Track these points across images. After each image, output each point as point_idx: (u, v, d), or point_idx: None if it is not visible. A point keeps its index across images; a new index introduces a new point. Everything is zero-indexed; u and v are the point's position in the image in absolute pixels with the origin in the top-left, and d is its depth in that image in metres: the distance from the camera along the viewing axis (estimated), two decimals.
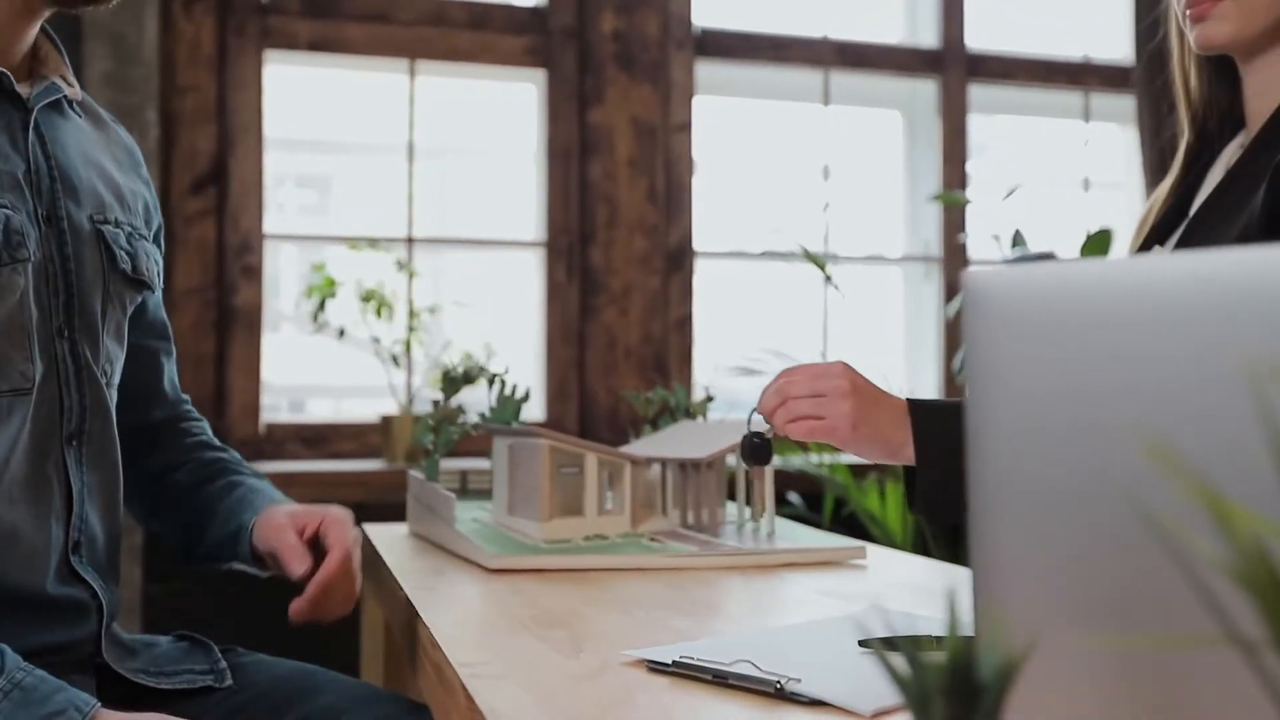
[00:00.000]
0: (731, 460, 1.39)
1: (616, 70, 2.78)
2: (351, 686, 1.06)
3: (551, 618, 0.99)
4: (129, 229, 1.10)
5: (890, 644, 0.85)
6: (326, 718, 1.01)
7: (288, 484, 2.45)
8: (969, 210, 2.98)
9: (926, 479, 1.00)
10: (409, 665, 1.02)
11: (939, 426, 1.00)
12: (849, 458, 2.58)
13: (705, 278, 2.86)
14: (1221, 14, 1.10)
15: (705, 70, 2.86)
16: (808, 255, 2.60)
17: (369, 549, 1.49)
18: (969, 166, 3.02)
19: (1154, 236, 1.21)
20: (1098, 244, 2.77)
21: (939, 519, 1.00)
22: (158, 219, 1.21)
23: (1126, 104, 3.06)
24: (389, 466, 2.50)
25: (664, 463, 1.39)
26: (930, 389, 2.96)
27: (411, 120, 2.72)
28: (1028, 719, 0.50)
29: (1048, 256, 2.75)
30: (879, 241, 3.09)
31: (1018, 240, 2.81)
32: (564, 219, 2.75)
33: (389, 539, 1.46)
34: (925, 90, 3.04)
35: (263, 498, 1.19)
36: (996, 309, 0.53)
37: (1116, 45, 3.11)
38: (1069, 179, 3.13)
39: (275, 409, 2.71)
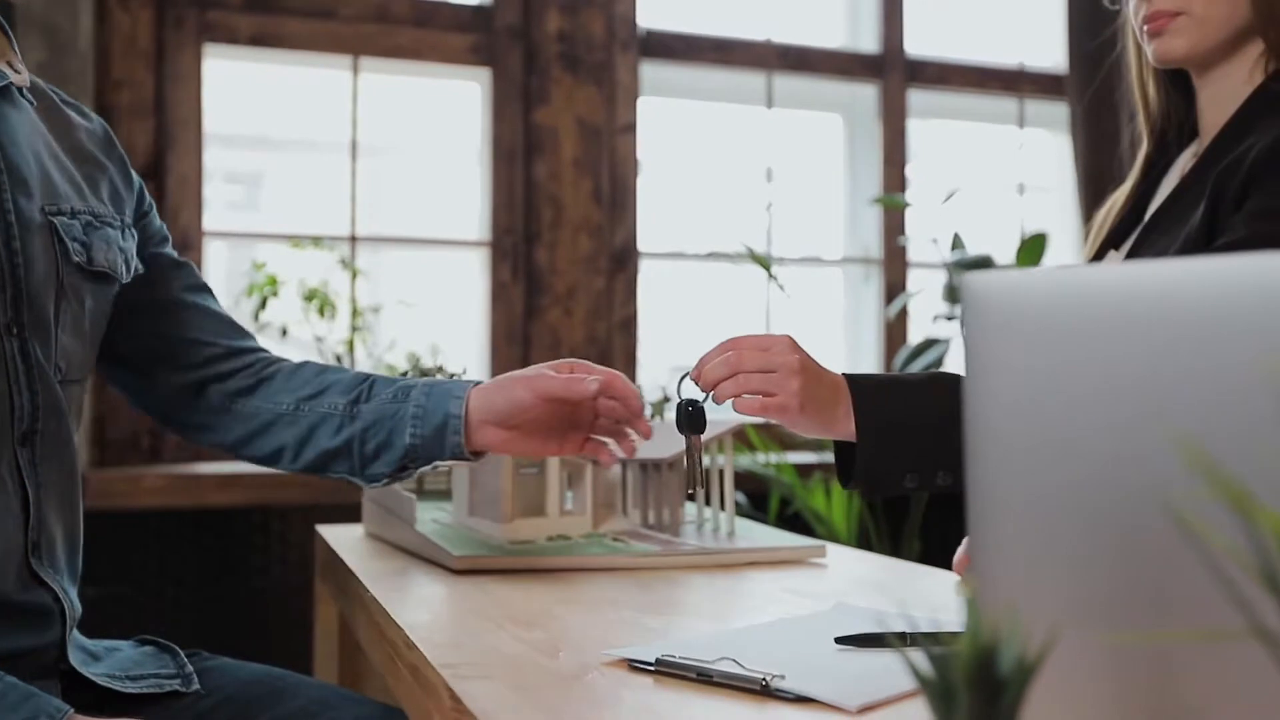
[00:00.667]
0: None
1: (561, 70, 2.78)
2: (320, 689, 1.06)
3: (524, 618, 0.99)
4: (87, 218, 1.07)
5: (866, 641, 0.87)
6: None
7: (229, 485, 2.43)
8: (908, 213, 3.03)
9: (865, 454, 1.00)
10: (380, 668, 1.02)
11: (877, 403, 1.01)
12: (797, 457, 2.61)
13: (649, 278, 2.87)
14: (1178, 29, 1.14)
15: (650, 71, 2.88)
16: (753, 256, 2.62)
17: (326, 551, 1.48)
18: (908, 170, 3.06)
19: (1110, 241, 1.25)
20: (1033, 247, 2.83)
21: (875, 493, 1.01)
22: (133, 200, 1.17)
23: (1059, 111, 3.13)
24: None
25: (624, 463, 1.39)
26: None
27: (355, 117, 2.70)
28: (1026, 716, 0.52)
29: (985, 259, 2.80)
30: (820, 243, 3.13)
31: (957, 243, 2.86)
32: (509, 219, 2.75)
33: (345, 540, 1.45)
34: (865, 94, 3.08)
35: (439, 389, 1.12)
36: (996, 313, 0.55)
37: (1050, 53, 3.18)
38: (1004, 184, 3.20)
39: None
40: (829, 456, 2.64)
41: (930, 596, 1.13)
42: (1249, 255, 0.49)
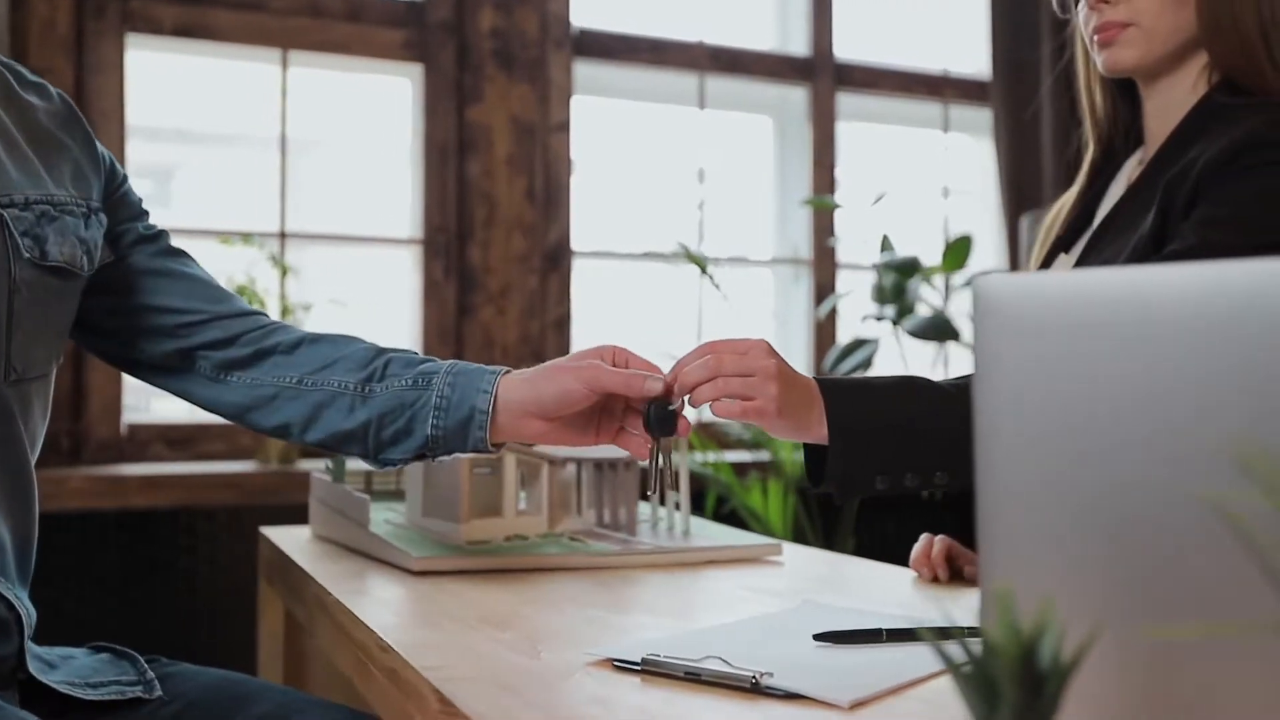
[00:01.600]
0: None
1: (495, 68, 2.76)
2: (284, 694, 1.04)
3: (495, 618, 0.99)
4: (43, 208, 1.03)
5: (844, 637, 0.88)
6: None
7: (153, 487, 2.37)
8: (837, 214, 3.07)
9: (836, 457, 1.01)
10: (349, 672, 1.00)
11: (848, 407, 1.02)
12: (734, 456, 2.64)
13: (583, 277, 2.87)
14: (1128, 40, 1.17)
15: (583, 70, 2.87)
16: (690, 256, 2.64)
17: (273, 553, 1.45)
18: (837, 172, 3.11)
19: (1060, 244, 1.28)
20: (959, 250, 2.88)
21: (845, 495, 1.02)
22: (100, 179, 1.12)
23: (983, 116, 3.19)
24: (263, 468, 2.43)
25: (579, 462, 1.39)
26: None
27: (284, 112, 2.65)
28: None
29: (913, 261, 2.85)
30: (750, 243, 3.16)
31: (885, 245, 2.91)
32: (442, 217, 2.72)
33: (293, 543, 1.42)
34: (795, 97, 3.11)
35: (465, 378, 1.06)
36: (1006, 315, 0.56)
37: (974, 60, 3.24)
38: (930, 187, 3.26)
39: (136, 409, 2.59)
40: (764, 456, 2.68)
41: (890, 593, 1.15)
42: (1251, 260, 0.51)
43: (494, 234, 2.75)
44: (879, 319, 2.86)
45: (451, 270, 2.73)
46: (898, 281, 2.84)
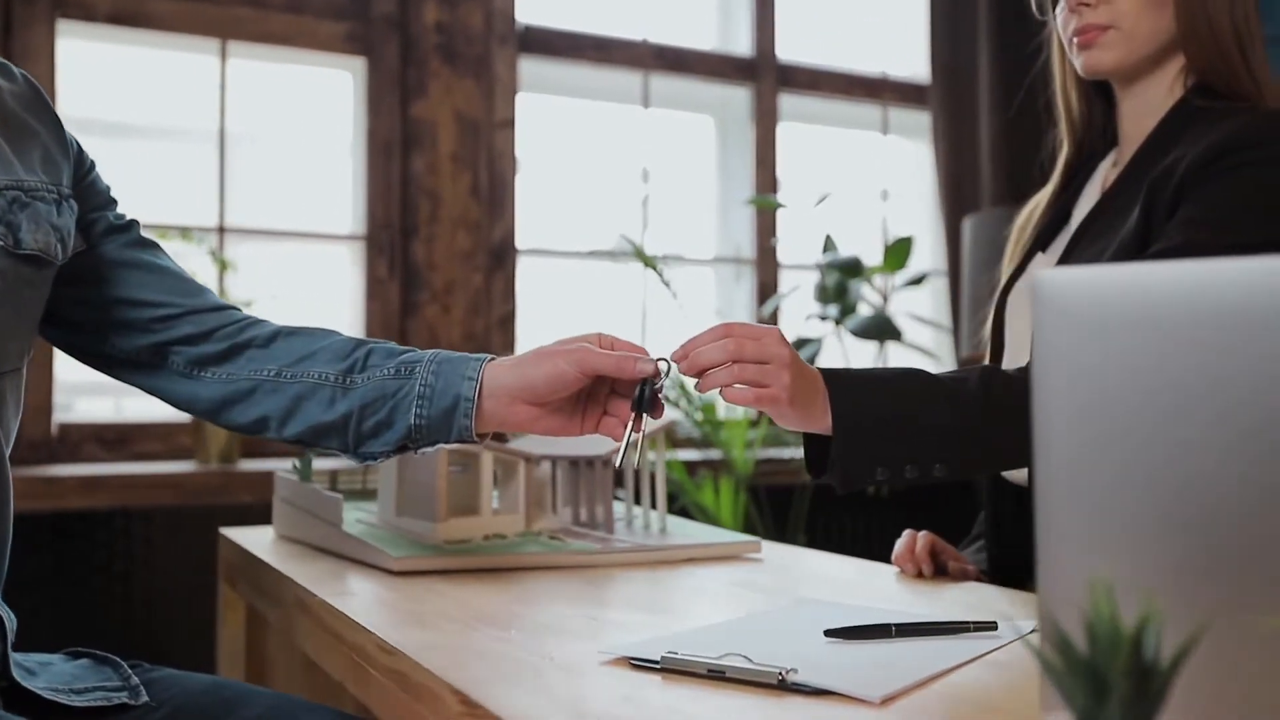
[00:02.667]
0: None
1: (440, 63, 2.73)
2: (273, 699, 1.01)
3: (492, 618, 0.97)
4: (14, 193, 0.98)
5: (855, 633, 0.88)
6: None
7: (88, 488, 2.30)
8: (779, 214, 3.08)
9: (840, 448, 1.01)
10: (341, 676, 0.98)
11: (853, 398, 1.02)
12: (685, 454, 2.63)
13: (528, 275, 2.85)
14: (1107, 43, 1.19)
15: (528, 67, 2.85)
16: (640, 255, 2.63)
17: (236, 554, 1.42)
18: (779, 172, 3.12)
19: (1037, 243, 1.30)
20: (899, 251, 2.92)
21: (847, 486, 1.02)
22: (69, 165, 1.08)
23: (921, 119, 3.24)
24: (203, 468, 2.37)
25: (554, 460, 1.38)
26: None
27: (223, 105, 2.59)
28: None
29: (855, 261, 2.88)
30: (692, 242, 3.16)
31: (828, 245, 2.93)
32: (385, 213, 2.68)
33: (256, 544, 1.39)
34: (738, 97, 3.13)
35: (449, 365, 1.03)
36: (1066, 309, 0.57)
37: (913, 63, 3.29)
38: (869, 188, 3.29)
39: (67, 408, 2.51)
40: (715, 454, 2.68)
41: (875, 589, 1.15)
42: None
43: (438, 231, 2.72)
44: (823, 318, 2.89)
45: (396, 267, 2.69)
46: (840, 281, 2.86)
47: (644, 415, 1.00)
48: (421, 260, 2.70)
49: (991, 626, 0.91)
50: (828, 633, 0.87)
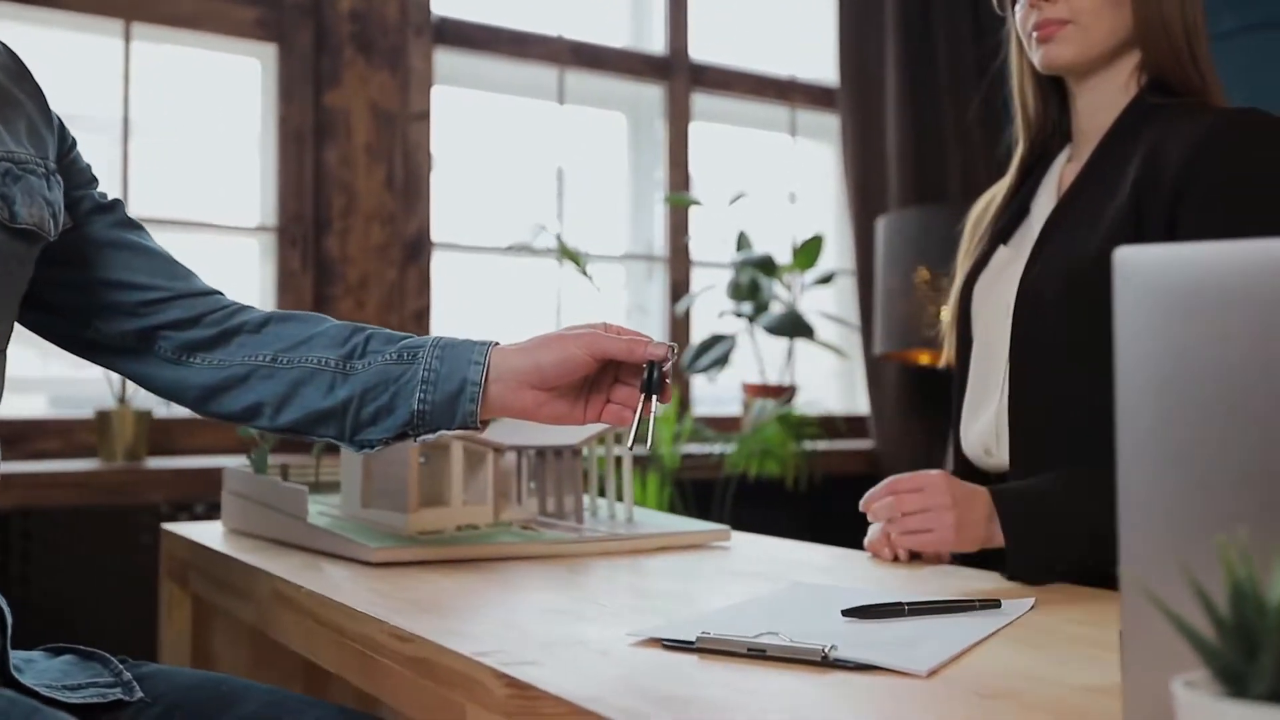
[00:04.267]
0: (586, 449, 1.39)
1: (354, 52, 2.68)
2: (270, 693, 0.97)
3: (493, 606, 0.96)
4: (6, 165, 0.93)
5: (871, 612, 0.90)
6: None
7: None
8: (690, 212, 3.11)
9: (1016, 563, 1.10)
10: (344, 669, 0.95)
11: (1021, 514, 1.11)
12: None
13: (442, 269, 2.82)
14: (1066, 37, 1.24)
15: (444, 59, 2.82)
16: (565, 252, 2.62)
17: (186, 550, 1.37)
18: (691, 171, 3.15)
19: (998, 237, 1.34)
20: (810, 250, 2.98)
21: (1031, 582, 1.10)
22: (54, 139, 1.02)
23: (829, 121, 3.30)
24: (107, 466, 2.28)
25: (520, 450, 1.37)
26: None
27: (126, 90, 2.49)
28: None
29: (768, 260, 2.92)
30: (605, 239, 3.16)
31: (742, 243, 2.97)
32: (298, 205, 2.62)
33: (206, 539, 1.34)
34: (650, 95, 3.14)
35: (453, 350, 1.01)
36: (1147, 287, 0.59)
37: (821, 67, 3.35)
38: (778, 189, 3.34)
39: None
40: (639, 450, 2.68)
41: (853, 574, 1.17)
42: None
43: (352, 224, 2.67)
44: (737, 315, 2.92)
45: (308, 260, 2.63)
46: (754, 279, 2.90)
47: (654, 398, 1.00)
48: (335, 254, 2.65)
49: (995, 604, 0.93)
50: (845, 612, 0.89)
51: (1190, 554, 0.57)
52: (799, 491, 2.77)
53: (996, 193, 1.40)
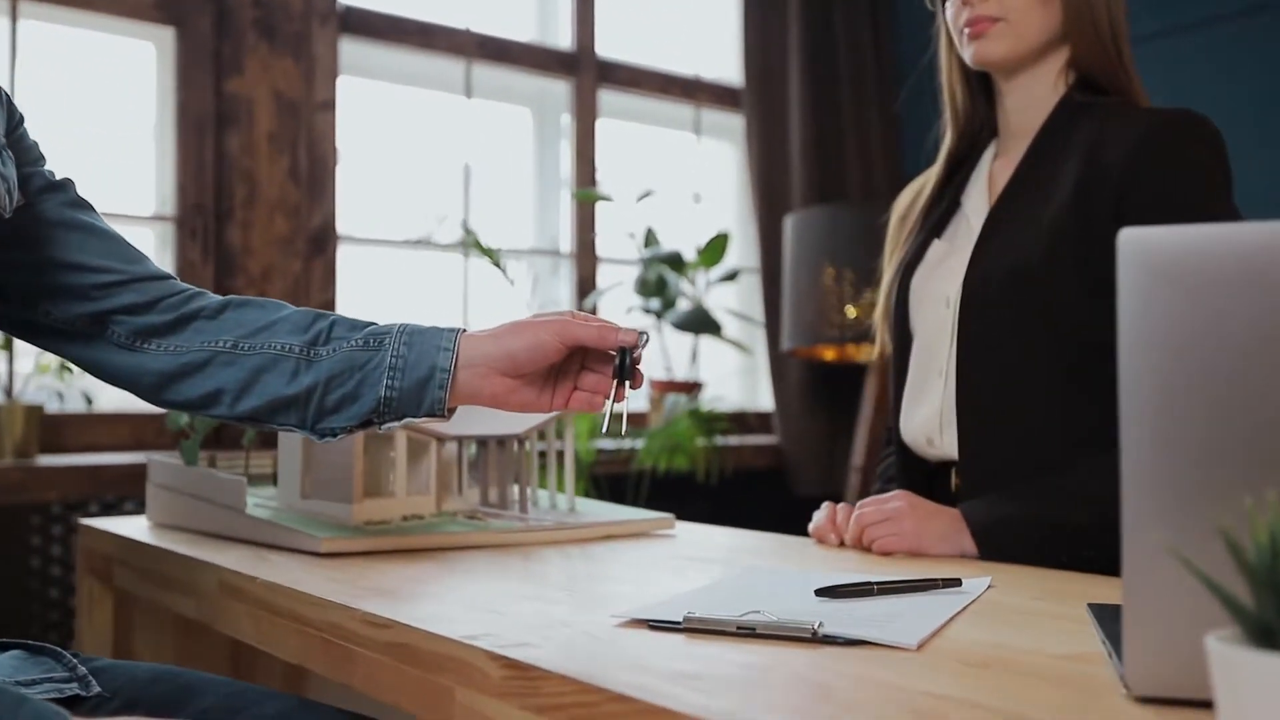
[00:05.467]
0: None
1: (257, 38, 2.61)
2: (228, 685, 0.94)
3: (456, 593, 0.95)
4: None
5: (843, 591, 0.92)
6: None
7: None
8: (596, 209, 3.11)
9: (990, 557, 1.17)
10: (310, 660, 0.93)
11: (989, 528, 1.17)
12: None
13: (348, 262, 2.76)
14: (997, 34, 1.28)
15: (350, 49, 2.77)
16: (479, 247, 2.60)
17: (110, 545, 1.32)
18: (597, 167, 3.15)
19: (931, 231, 1.37)
20: (716, 247, 3.01)
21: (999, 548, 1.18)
22: (3, 114, 0.98)
23: (733, 120, 3.34)
24: None
25: (460, 440, 1.35)
26: None
27: (13, 70, 2.38)
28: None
29: (676, 256, 2.94)
30: (510, 234, 3.14)
31: (650, 240, 2.98)
32: (198, 194, 2.54)
33: (135, 534, 1.29)
34: (556, 90, 3.13)
35: (421, 336, 0.99)
36: (1152, 267, 0.61)
37: (725, 66, 3.38)
38: (681, 187, 3.36)
39: None
40: (558, 445, 2.68)
41: (803, 559, 1.19)
42: None
43: (255, 214, 2.60)
44: (646, 311, 2.93)
45: (209, 251, 2.55)
46: (661, 275, 2.92)
47: (626, 384, 1.01)
48: (237, 245, 2.58)
49: (957, 582, 0.96)
50: (818, 591, 0.90)
51: (1191, 523, 0.60)
52: (710, 485, 2.79)
53: (924, 185, 1.43)
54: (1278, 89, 2.64)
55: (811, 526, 1.27)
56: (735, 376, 3.40)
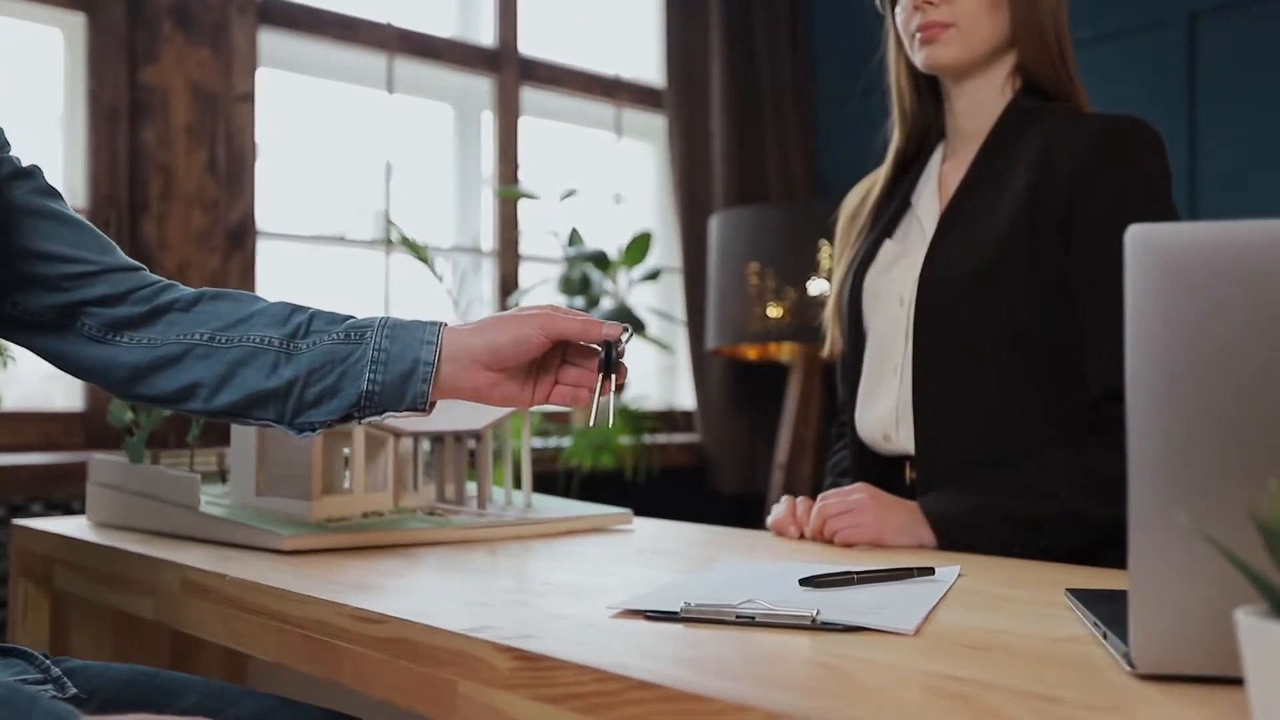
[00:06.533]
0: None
1: (173, 27, 2.54)
2: (205, 685, 0.92)
3: (444, 587, 0.94)
4: None
5: (826, 581, 0.94)
6: None
7: None
8: (520, 207, 3.10)
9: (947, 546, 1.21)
10: (294, 660, 0.91)
11: (947, 520, 1.21)
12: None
13: (268, 258, 2.71)
14: (948, 39, 1.31)
15: (270, 41, 2.71)
16: (408, 244, 2.57)
17: (49, 546, 1.27)
18: (520, 165, 3.14)
19: (883, 231, 1.39)
20: (639, 246, 3.02)
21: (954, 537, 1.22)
22: None
23: (655, 121, 3.35)
24: None
25: (415, 436, 1.34)
26: None
27: None
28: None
29: (601, 255, 2.95)
30: (432, 231, 3.11)
31: (575, 238, 2.98)
32: (111, 186, 2.47)
33: (73, 533, 1.25)
34: (478, 87, 3.11)
35: (403, 330, 0.98)
36: (1155, 262, 0.64)
37: (647, 67, 3.40)
38: (602, 186, 3.37)
39: None
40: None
41: (766, 552, 1.21)
42: None
43: (171, 208, 2.53)
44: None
45: (124, 245, 2.47)
46: (585, 274, 2.92)
47: (612, 377, 1.01)
48: (152, 239, 2.51)
49: (930, 571, 0.99)
50: (802, 581, 0.92)
51: (1197, 507, 0.63)
52: (637, 483, 2.80)
53: (872, 185, 1.46)
54: (1177, 95, 2.76)
55: (770, 520, 1.29)
56: (656, 375, 3.41)
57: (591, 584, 1.00)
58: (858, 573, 0.95)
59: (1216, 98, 2.73)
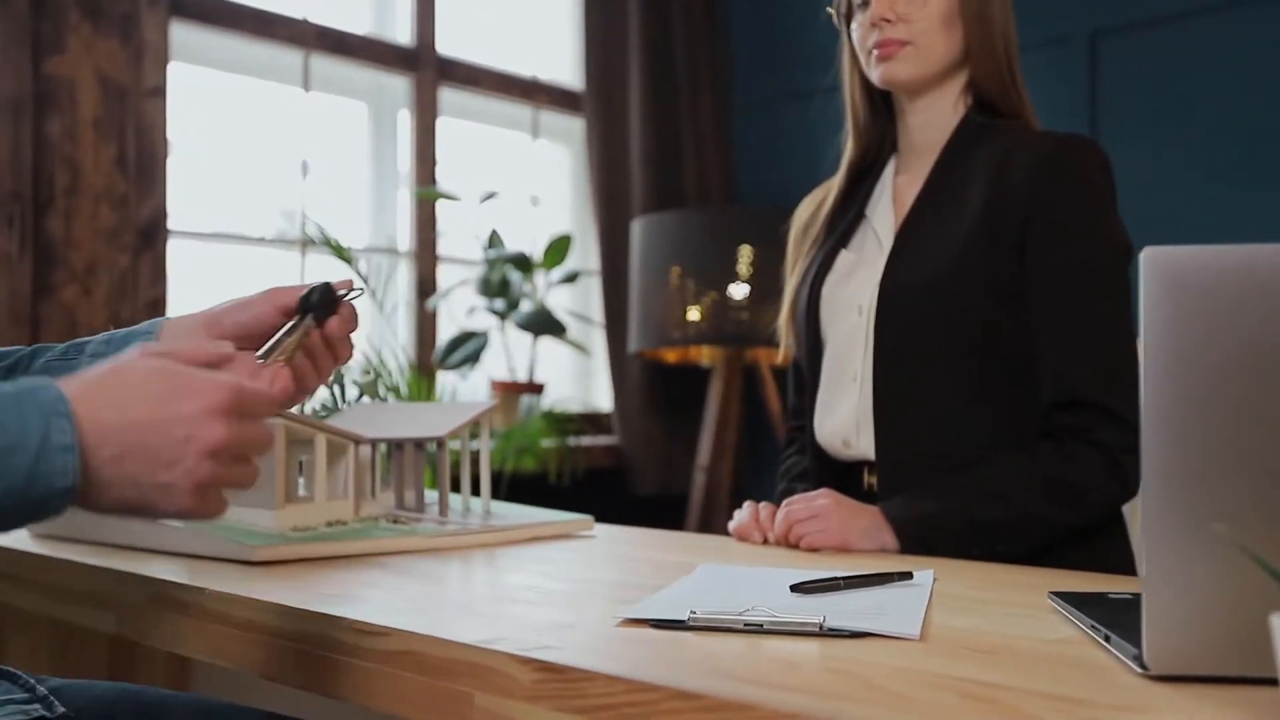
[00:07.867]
0: (455, 444, 1.36)
1: (80, 17, 2.46)
2: (194, 702, 0.89)
3: (434, 597, 0.94)
4: None
5: (818, 587, 0.96)
6: None
7: None
8: (438, 208, 3.07)
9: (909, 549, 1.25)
10: (288, 675, 0.89)
11: (909, 524, 1.24)
12: None
13: (179, 257, 2.63)
14: (904, 56, 1.34)
15: (182, 34, 2.64)
16: (332, 247, 2.52)
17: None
18: (437, 166, 3.10)
19: (839, 241, 1.42)
20: (559, 248, 3.02)
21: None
22: None
23: (573, 124, 3.35)
24: None
25: (374, 444, 1.32)
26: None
27: None
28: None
29: (522, 257, 2.94)
30: (347, 231, 3.06)
31: (495, 240, 2.97)
32: (14, 181, 2.37)
33: (12, 544, 1.21)
34: (394, 86, 3.07)
35: (122, 336, 0.95)
36: (1169, 282, 0.67)
37: (564, 69, 3.39)
38: (519, 188, 3.35)
39: None
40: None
41: (737, 557, 1.22)
42: None
43: (78, 204, 2.44)
44: (492, 312, 2.91)
45: (27, 243, 2.38)
46: (505, 276, 2.91)
47: (309, 316, 0.97)
48: (58, 237, 2.42)
49: (908, 575, 1.01)
50: (793, 587, 0.94)
51: (1209, 515, 0.66)
52: (561, 485, 2.80)
53: (825, 196, 1.49)
54: (1078, 111, 2.86)
55: (733, 525, 1.30)
56: (571, 378, 3.41)
57: (576, 591, 1.00)
58: (844, 578, 0.97)
59: (1116, 115, 2.85)
